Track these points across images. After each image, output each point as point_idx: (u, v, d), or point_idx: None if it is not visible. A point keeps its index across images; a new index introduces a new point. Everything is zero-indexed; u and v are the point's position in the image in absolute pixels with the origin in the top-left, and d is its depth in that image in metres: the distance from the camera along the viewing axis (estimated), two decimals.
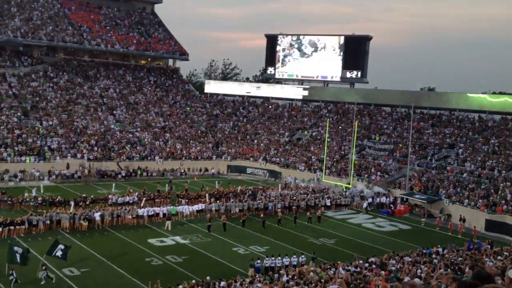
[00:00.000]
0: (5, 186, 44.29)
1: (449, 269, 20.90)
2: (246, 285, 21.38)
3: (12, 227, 30.70)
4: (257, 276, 23.71)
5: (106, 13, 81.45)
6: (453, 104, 61.83)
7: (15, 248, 24.63)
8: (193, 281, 22.53)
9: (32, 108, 59.59)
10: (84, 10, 79.16)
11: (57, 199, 37.66)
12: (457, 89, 61.90)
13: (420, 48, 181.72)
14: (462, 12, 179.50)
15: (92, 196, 39.71)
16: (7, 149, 50.67)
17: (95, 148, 55.77)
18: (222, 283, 21.69)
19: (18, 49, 69.19)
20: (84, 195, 39.72)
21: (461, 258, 24.98)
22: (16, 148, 51.25)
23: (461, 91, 61.94)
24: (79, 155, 53.65)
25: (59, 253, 25.15)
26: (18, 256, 23.95)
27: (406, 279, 18.88)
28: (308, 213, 39.71)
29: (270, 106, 75.73)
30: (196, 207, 38.87)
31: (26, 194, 38.80)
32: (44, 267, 23.95)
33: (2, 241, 29.56)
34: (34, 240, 30.16)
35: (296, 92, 73.99)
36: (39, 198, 38.20)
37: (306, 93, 73.28)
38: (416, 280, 17.48)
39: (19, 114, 57.34)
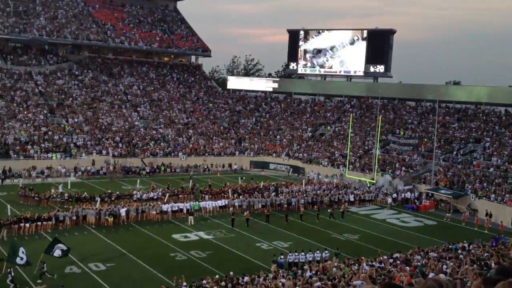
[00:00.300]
0: (32, 183, 45.15)
1: (475, 265, 20.63)
2: (269, 280, 21.40)
3: (39, 223, 31.24)
4: (280, 272, 23.72)
5: (130, 11, 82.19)
6: (479, 98, 60.82)
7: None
8: (217, 276, 22.64)
9: (58, 105, 60.54)
10: (108, 8, 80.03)
11: (83, 195, 38.20)
12: (483, 83, 60.88)
13: (445, 42, 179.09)
14: (489, 6, 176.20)
15: (117, 192, 40.16)
16: (34, 146, 51.57)
17: (120, 145, 56.41)
18: (246, 278, 21.74)
19: (44, 48, 70.28)
20: (109, 191, 40.20)
21: (487, 254, 24.63)
22: (42, 145, 52.13)
23: (487, 84, 60.80)
24: (104, 152, 54.34)
25: (57, 253, 24.66)
26: (20, 258, 23.38)
27: (431, 275, 18.69)
28: (330, 209, 39.54)
29: (292, 102, 75.53)
30: (219, 202, 39.04)
31: (52, 191, 39.45)
32: (42, 265, 23.84)
33: (30, 236, 30.16)
34: (61, 236, 30.51)
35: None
36: (66, 194, 38.82)
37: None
38: (441, 275, 17.30)
39: (45, 111, 58.30)
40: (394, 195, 45.53)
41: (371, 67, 70.47)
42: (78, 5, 77.39)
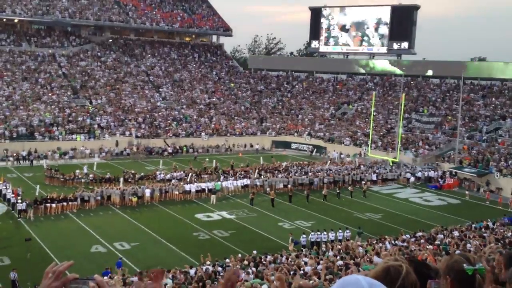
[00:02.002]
0: (57, 164, 45.91)
1: (499, 243, 20.47)
2: (292, 259, 21.55)
3: (65, 203, 31.85)
4: (304, 250, 23.87)
5: None
6: (505, 74, 59.55)
7: None
8: (240, 255, 22.88)
9: (81, 87, 61.17)
10: None
11: (107, 176, 38.75)
12: (509, 59, 59.44)
13: (470, 17, 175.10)
14: None
15: (142, 173, 40.60)
16: (59, 128, 52.32)
17: (143, 126, 56.88)
18: (268, 258, 21.92)
19: (67, 30, 70.84)
20: (132, 171, 40.69)
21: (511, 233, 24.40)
22: (67, 127, 52.85)
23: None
24: (127, 133, 54.86)
25: None
26: None
27: (457, 252, 18.62)
28: (350, 187, 39.43)
29: (314, 81, 75.00)
30: (241, 182, 39.23)
31: (77, 171, 40.09)
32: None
33: (57, 216, 30.79)
34: (86, 216, 31.25)
35: None
36: (90, 175, 39.41)
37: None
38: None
39: (69, 93, 58.98)
40: (419, 174, 45.11)
41: (394, 44, 69.43)
42: None
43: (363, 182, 41.39)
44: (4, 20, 66.64)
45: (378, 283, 2.11)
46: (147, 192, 34.85)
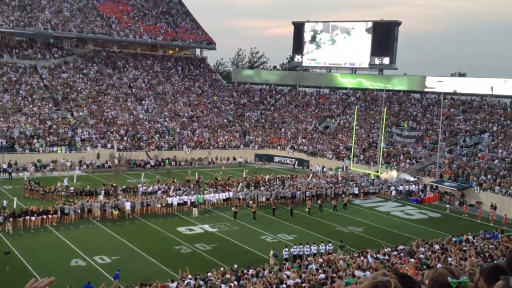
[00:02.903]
0: (36, 176, 45.32)
1: (479, 257, 20.66)
2: (274, 273, 21.48)
3: (45, 216, 31.43)
4: (286, 264, 23.82)
5: (134, 4, 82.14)
6: (484, 90, 60.53)
7: None
8: (222, 268, 22.75)
9: (63, 99, 60.68)
10: (113, 1, 79.97)
11: (87, 189, 38.38)
12: (489, 75, 60.44)
13: (450, 33, 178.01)
14: None
15: (124, 186, 40.29)
16: (39, 140, 51.77)
17: (125, 138, 56.54)
18: (251, 271, 21.84)
19: (49, 41, 70.38)
20: (113, 183, 40.34)
21: (492, 246, 24.65)
22: (47, 139, 52.31)
23: (492, 76, 60.66)
24: (109, 145, 54.48)
25: None
26: None
27: (438, 266, 18.73)
28: (333, 201, 39.56)
29: (297, 94, 75.42)
30: (223, 195, 39.14)
31: (58, 184, 39.63)
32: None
33: (36, 229, 30.35)
34: (66, 229, 30.85)
35: None
36: (71, 188, 38.99)
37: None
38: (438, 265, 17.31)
39: (50, 105, 58.46)
40: (400, 188, 45.46)
41: (376, 59, 70.21)
42: None
43: (343, 195, 41.57)
44: None
45: None
46: (127, 205, 34.56)
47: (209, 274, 21.53)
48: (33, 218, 30.87)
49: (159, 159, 54.78)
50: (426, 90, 64.60)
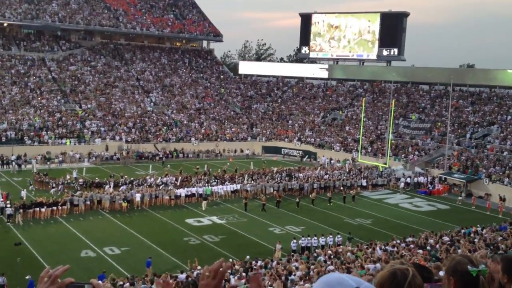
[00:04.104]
0: (47, 168, 45.58)
1: (489, 248, 20.62)
2: (282, 264, 21.55)
3: (54, 208, 31.63)
4: (294, 256, 23.88)
5: None
6: (494, 81, 60.14)
7: None
8: (230, 260, 22.84)
9: (71, 91, 60.88)
10: None
11: (96, 180, 38.56)
12: (498, 66, 60.02)
13: (459, 24, 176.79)
14: None
15: (132, 178, 40.44)
16: (48, 132, 52.01)
17: (133, 130, 56.69)
18: (259, 262, 21.91)
19: (56, 34, 70.49)
20: (121, 175, 40.47)
21: (501, 238, 24.59)
22: (56, 131, 52.54)
23: (501, 67, 60.19)
24: (117, 138, 54.65)
25: None
26: None
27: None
28: (343, 193, 39.53)
29: (304, 86, 75.24)
30: (231, 187, 39.22)
31: (67, 176, 39.83)
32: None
33: (46, 221, 30.56)
34: (76, 220, 31.05)
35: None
36: (80, 180, 39.17)
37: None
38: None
39: (58, 97, 58.67)
40: (408, 179, 45.35)
41: (384, 50, 69.88)
42: None
43: (351, 188, 41.50)
44: None
45: (365, 282, 2.09)
46: (137, 197, 34.72)
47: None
48: (43, 209, 31.07)
49: (166, 151, 54.90)
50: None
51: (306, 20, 76.41)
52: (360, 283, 2.05)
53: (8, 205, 30.22)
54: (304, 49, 76.77)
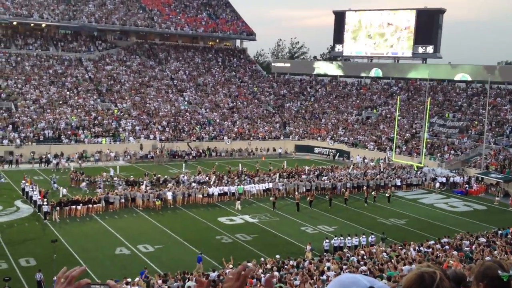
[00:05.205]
0: (83, 166, 46.51)
1: None
2: (315, 264, 21.46)
3: (90, 205, 32.25)
4: (327, 256, 23.75)
5: None
6: None
7: None
8: (262, 259, 22.87)
9: (107, 91, 61.95)
10: None
11: (131, 179, 39.13)
12: None
13: (497, 20, 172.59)
14: None
15: (165, 176, 40.92)
16: (84, 131, 53.06)
17: (167, 129, 57.32)
18: (291, 262, 21.87)
19: (93, 34, 71.83)
20: (154, 173, 40.98)
21: None
22: (92, 130, 53.56)
23: None
24: (151, 136, 55.36)
25: None
26: None
27: (487, 259, 18.31)
28: (374, 192, 39.04)
29: (338, 85, 74.68)
30: (263, 186, 39.22)
31: (104, 174, 40.54)
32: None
33: (82, 218, 31.19)
34: (111, 218, 31.60)
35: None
36: (115, 178, 39.83)
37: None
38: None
39: (95, 97, 59.79)
40: (443, 179, 44.52)
41: (419, 47, 68.77)
42: None
43: (385, 187, 40.95)
44: (32, 25, 67.95)
45: (380, 282, 2.09)
46: (169, 195, 35.09)
47: (250, 264, 21.65)
48: (79, 207, 31.72)
49: (199, 150, 55.31)
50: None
51: (340, 17, 75.80)
52: (374, 282, 2.07)
53: (45, 203, 30.95)
54: (338, 47, 76.21)
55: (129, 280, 19.46)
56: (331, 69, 76.69)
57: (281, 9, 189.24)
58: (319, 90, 74.21)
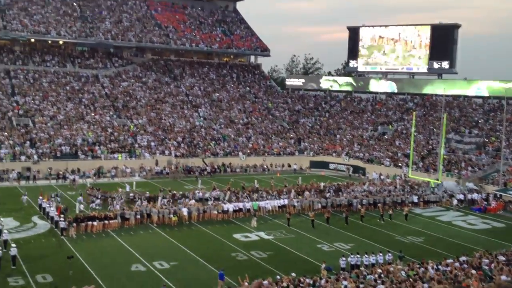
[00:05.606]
0: (93, 182, 46.69)
1: None
2: (331, 282, 21.21)
3: (106, 222, 32.33)
4: (343, 274, 23.47)
5: (190, 13, 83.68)
6: None
7: None
8: (278, 277, 22.66)
9: (123, 107, 62.45)
10: (170, 11, 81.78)
11: (147, 195, 39.20)
12: None
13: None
14: None
15: (180, 192, 40.93)
16: (101, 147, 53.41)
17: (182, 145, 57.51)
18: (308, 280, 21.64)
19: (109, 51, 72.67)
20: (173, 190, 41.00)
21: None
22: (109, 146, 53.90)
23: None
24: (167, 152, 55.56)
25: None
26: None
27: (503, 278, 17.96)
28: (390, 209, 38.61)
29: (353, 100, 74.52)
30: (278, 202, 39.05)
31: (120, 190, 40.67)
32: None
33: (98, 234, 31.26)
34: (127, 234, 31.62)
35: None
36: (131, 194, 39.94)
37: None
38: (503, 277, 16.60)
39: (111, 113, 60.28)
40: (461, 196, 43.95)
41: (434, 63, 68.51)
42: (141, 8, 79.56)
43: (401, 204, 40.49)
44: (50, 42, 68.97)
45: None
46: (185, 211, 35.07)
47: (265, 282, 21.45)
48: (95, 223, 31.82)
49: (214, 165, 55.36)
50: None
51: (354, 33, 75.92)
52: None
53: (62, 219, 31.07)
54: (352, 63, 76.23)
55: None
56: (344, 84, 76.61)
57: (295, 25, 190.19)
58: (334, 105, 74.11)
